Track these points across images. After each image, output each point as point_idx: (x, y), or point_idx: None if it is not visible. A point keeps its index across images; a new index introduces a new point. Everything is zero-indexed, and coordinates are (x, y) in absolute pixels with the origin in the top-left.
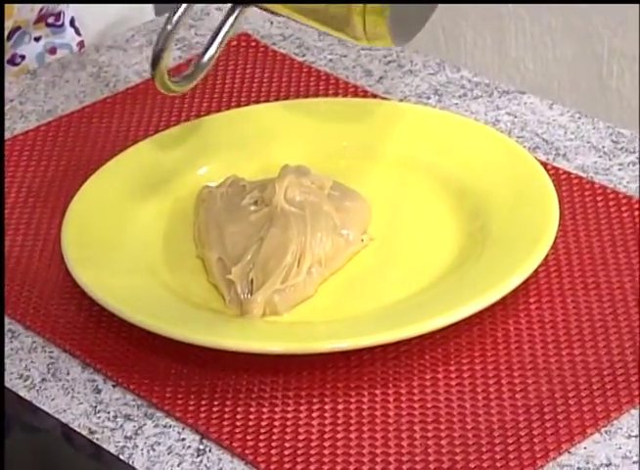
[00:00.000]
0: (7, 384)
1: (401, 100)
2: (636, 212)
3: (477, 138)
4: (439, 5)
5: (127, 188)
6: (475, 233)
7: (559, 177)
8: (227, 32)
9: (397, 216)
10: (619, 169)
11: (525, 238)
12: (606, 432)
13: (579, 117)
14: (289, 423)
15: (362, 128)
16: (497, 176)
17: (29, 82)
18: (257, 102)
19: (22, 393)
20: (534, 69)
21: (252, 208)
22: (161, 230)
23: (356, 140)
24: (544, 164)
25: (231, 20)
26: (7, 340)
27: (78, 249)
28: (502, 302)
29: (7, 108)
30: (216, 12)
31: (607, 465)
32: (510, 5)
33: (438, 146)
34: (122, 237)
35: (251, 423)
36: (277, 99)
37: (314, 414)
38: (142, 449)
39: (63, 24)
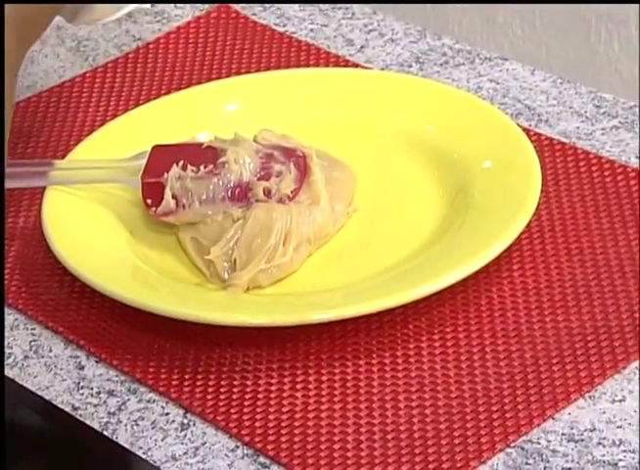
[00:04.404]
0: None
1: (383, 69)
2: (619, 177)
3: (458, 106)
4: None
5: None
6: (457, 201)
7: (541, 143)
8: None
9: (379, 186)
10: (602, 134)
11: (508, 205)
12: (590, 397)
13: (561, 83)
14: (272, 396)
15: (344, 98)
16: (480, 144)
17: None
18: (238, 73)
19: (5, 370)
20: (522, 35)
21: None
22: (142, 206)
23: (338, 110)
24: (527, 131)
25: None
26: None
27: (59, 226)
28: (485, 269)
29: None
30: None
31: (591, 430)
32: None
33: (420, 114)
34: (103, 213)
35: (234, 396)
36: (258, 70)
37: (298, 386)
38: (126, 425)
39: None
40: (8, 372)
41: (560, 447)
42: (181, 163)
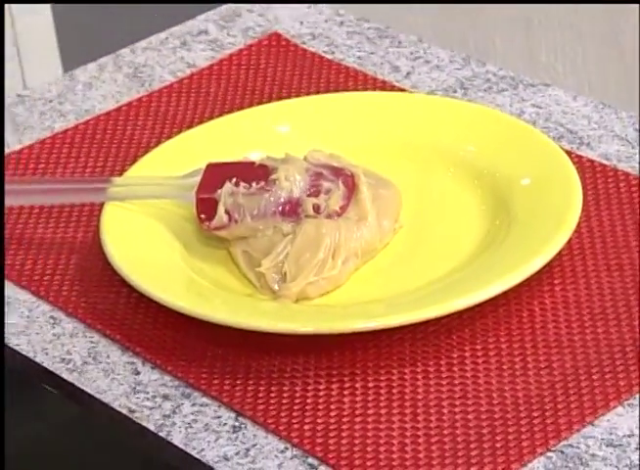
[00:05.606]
0: (50, 367)
1: (428, 94)
2: None
3: (500, 126)
4: (468, 11)
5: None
6: (499, 217)
7: (583, 165)
8: None
9: (424, 203)
10: None
11: (550, 221)
12: (628, 405)
13: (603, 108)
14: (321, 400)
15: (389, 120)
16: (521, 162)
17: (68, 83)
18: (289, 98)
19: (65, 375)
20: (564, 71)
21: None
22: (196, 221)
23: (383, 131)
24: (569, 153)
25: None
26: (49, 326)
27: (117, 239)
28: (527, 283)
29: (46, 108)
30: (247, 13)
31: (629, 436)
32: (538, 8)
33: (462, 134)
34: (158, 228)
35: (284, 401)
36: (307, 95)
37: (345, 392)
38: (180, 427)
39: None
40: (68, 377)
41: (599, 452)
42: (234, 179)
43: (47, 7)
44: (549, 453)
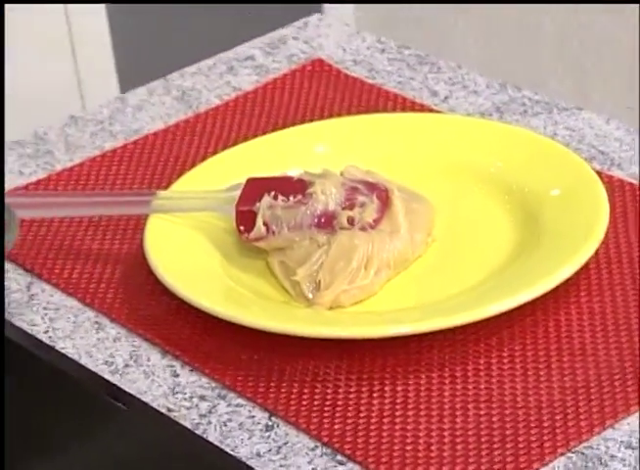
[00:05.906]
0: (94, 369)
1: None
2: None
3: (530, 145)
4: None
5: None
6: (528, 231)
7: (613, 184)
8: None
9: (456, 217)
10: None
11: (577, 233)
12: None
13: (634, 131)
14: (351, 402)
15: (422, 139)
16: (550, 179)
17: (118, 106)
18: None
19: (108, 377)
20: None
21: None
22: (235, 232)
23: (417, 150)
24: (599, 173)
25: None
26: (94, 331)
27: (160, 249)
28: (554, 294)
29: (97, 128)
30: (292, 40)
31: None
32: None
33: (493, 152)
34: (199, 239)
35: (316, 403)
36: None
37: (375, 394)
38: (215, 426)
39: None
40: (110, 378)
41: (618, 453)
42: (272, 193)
43: (107, 39)
44: (570, 454)
